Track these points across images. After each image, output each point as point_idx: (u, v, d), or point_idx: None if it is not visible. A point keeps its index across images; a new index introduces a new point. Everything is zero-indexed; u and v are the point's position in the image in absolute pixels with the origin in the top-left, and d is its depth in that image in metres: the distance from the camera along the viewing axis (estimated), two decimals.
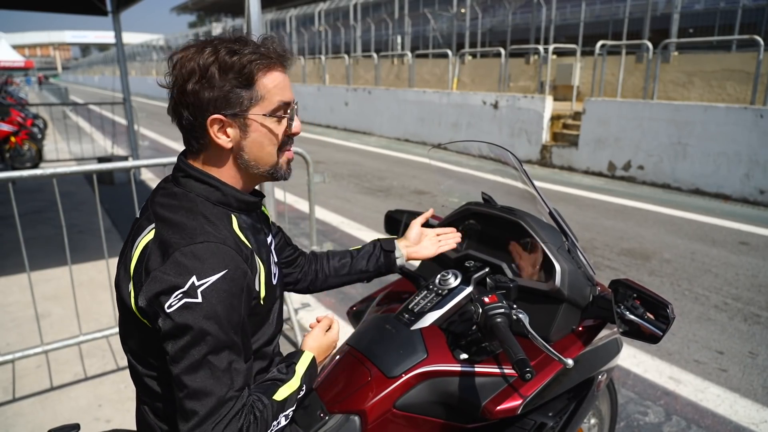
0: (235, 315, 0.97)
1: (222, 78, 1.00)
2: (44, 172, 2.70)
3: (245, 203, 1.11)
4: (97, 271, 4.38)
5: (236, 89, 1.02)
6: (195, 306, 0.92)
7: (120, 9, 7.47)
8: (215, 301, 0.93)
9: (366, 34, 20.34)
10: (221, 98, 1.02)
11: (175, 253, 0.95)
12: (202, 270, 0.94)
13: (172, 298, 0.92)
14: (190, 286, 0.92)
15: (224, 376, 0.94)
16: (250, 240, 1.09)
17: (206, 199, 1.06)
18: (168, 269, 0.94)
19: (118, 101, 8.73)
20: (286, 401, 1.07)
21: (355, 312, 1.83)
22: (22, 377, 2.95)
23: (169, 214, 1.02)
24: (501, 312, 1.20)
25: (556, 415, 1.40)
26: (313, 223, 3.79)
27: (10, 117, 9.67)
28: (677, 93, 9.78)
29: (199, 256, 0.95)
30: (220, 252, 0.97)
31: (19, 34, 72.82)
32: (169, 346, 0.94)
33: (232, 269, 0.97)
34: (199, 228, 0.99)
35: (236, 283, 0.97)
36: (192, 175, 1.07)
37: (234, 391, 0.95)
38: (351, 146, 12.81)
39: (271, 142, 1.08)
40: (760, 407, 2.77)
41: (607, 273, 4.56)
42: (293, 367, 1.14)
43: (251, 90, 1.03)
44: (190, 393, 0.92)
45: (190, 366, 0.92)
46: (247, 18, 2.94)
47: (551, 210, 1.51)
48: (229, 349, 0.95)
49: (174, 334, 0.93)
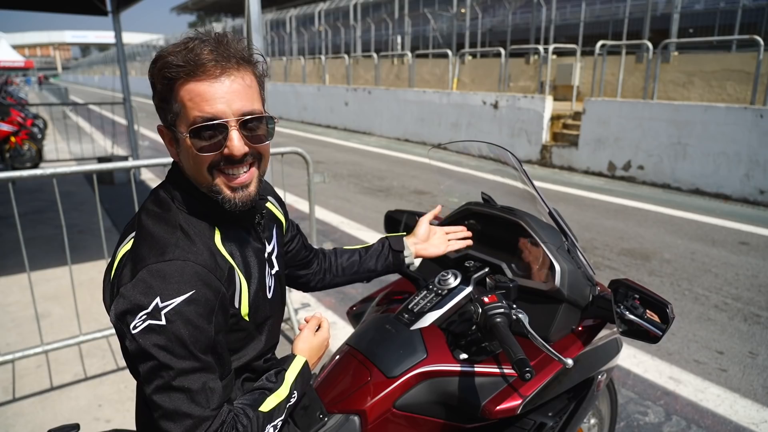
0: (202, 336, 0.92)
1: (155, 86, 0.97)
2: (44, 172, 2.70)
3: (230, 214, 1.03)
4: (97, 271, 4.38)
5: (162, 101, 0.97)
6: (159, 329, 0.88)
7: (120, 9, 7.47)
8: (180, 323, 0.89)
9: (366, 34, 20.33)
10: (157, 108, 0.99)
11: (143, 270, 0.92)
12: (166, 291, 0.89)
13: (136, 318, 0.89)
14: (154, 307, 0.88)
15: (198, 396, 0.91)
16: (235, 255, 1.04)
17: (187, 209, 1.01)
18: (134, 288, 0.91)
19: (118, 101, 8.74)
20: (273, 411, 1.04)
21: (355, 312, 1.82)
22: (22, 377, 2.95)
23: (150, 223, 0.99)
24: (501, 312, 1.20)
25: (555, 415, 1.40)
26: (313, 223, 3.79)
27: (10, 117, 9.67)
28: (677, 93, 9.78)
29: (164, 275, 0.91)
30: (188, 271, 0.92)
31: (19, 34, 72.84)
32: (139, 367, 0.91)
33: (201, 290, 0.92)
34: (172, 243, 0.95)
35: (204, 305, 0.92)
36: (175, 181, 1.04)
37: (210, 410, 0.92)
38: (351, 146, 12.81)
39: (196, 161, 0.96)
40: (760, 407, 2.77)
41: (607, 273, 4.56)
42: (283, 374, 1.11)
43: (171, 103, 0.95)
44: (164, 414, 0.90)
45: (161, 387, 0.90)
46: (247, 18, 2.94)
47: (551, 210, 1.51)
48: (201, 371, 0.92)
49: (140, 356, 0.90)
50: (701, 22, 12.94)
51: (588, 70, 11.05)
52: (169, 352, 0.89)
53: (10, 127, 9.36)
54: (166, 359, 0.89)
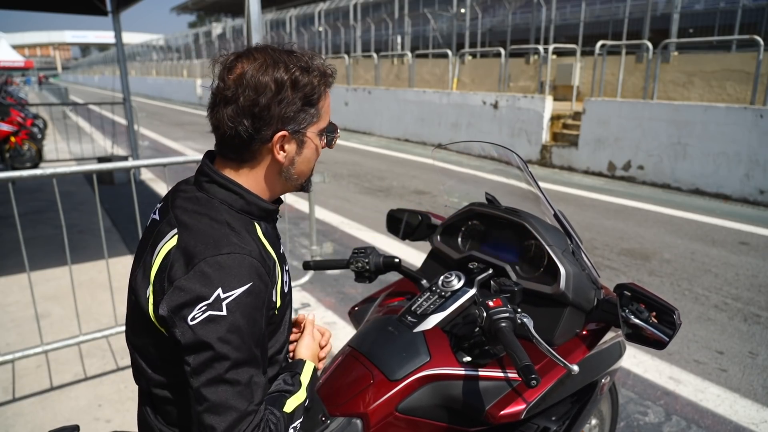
0: (257, 329, 0.96)
1: (294, 95, 1.01)
2: (44, 172, 2.69)
3: (266, 211, 1.10)
4: (97, 271, 4.37)
5: (305, 107, 1.04)
6: (219, 319, 0.90)
7: (120, 9, 7.46)
8: (239, 314, 0.91)
9: (366, 34, 20.32)
10: (290, 115, 1.02)
11: (201, 263, 0.93)
12: (228, 282, 0.92)
13: (195, 310, 0.90)
14: (216, 298, 0.90)
15: (245, 390, 0.92)
16: (274, 249, 1.09)
17: (230, 207, 1.04)
18: (193, 279, 0.92)
19: (118, 101, 8.73)
20: (294, 413, 1.06)
21: (356, 313, 1.81)
22: (22, 377, 2.94)
23: (193, 220, 1.00)
24: (506, 317, 1.18)
25: (559, 419, 1.39)
26: (313, 223, 3.78)
27: (10, 117, 9.66)
28: (677, 93, 9.78)
29: (225, 267, 0.93)
30: (246, 264, 0.95)
31: (19, 34, 72.76)
32: (190, 359, 0.92)
33: (257, 282, 0.95)
34: (224, 238, 0.97)
35: (259, 297, 0.96)
36: (217, 181, 1.05)
37: (254, 405, 0.93)
38: (351, 146, 12.80)
39: (315, 157, 1.13)
40: (760, 407, 2.77)
41: (607, 273, 4.56)
42: (298, 377, 1.12)
43: (315, 108, 1.06)
44: (210, 407, 0.90)
45: (212, 380, 0.91)
46: (247, 18, 2.94)
47: (556, 212, 1.49)
48: (250, 364, 0.94)
49: (196, 348, 0.91)
50: (701, 22, 12.94)
51: (588, 70, 11.05)
52: (227, 342, 0.90)
53: (10, 127, 9.34)
54: (223, 350, 0.90)
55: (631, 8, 13.24)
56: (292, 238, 5.52)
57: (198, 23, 55.87)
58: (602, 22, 14.29)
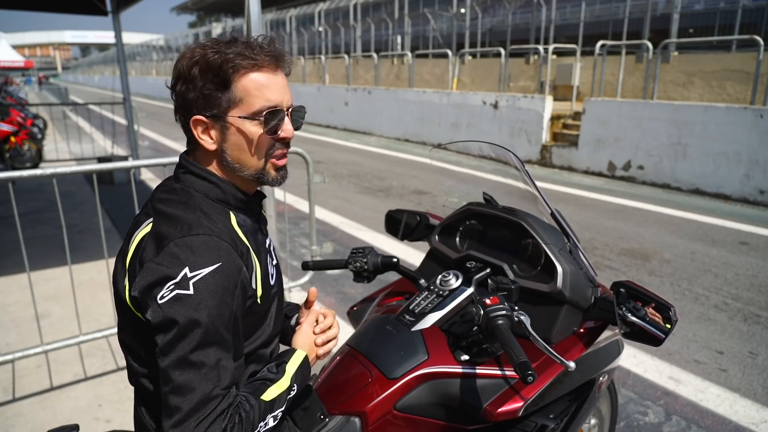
0: (226, 310, 0.95)
1: (202, 78, 1.01)
2: (44, 172, 2.70)
3: (243, 202, 1.11)
4: (97, 271, 4.38)
5: (215, 91, 1.02)
6: (186, 298, 0.91)
7: (120, 9, 7.47)
8: (207, 294, 0.92)
9: (366, 34, 20.33)
10: (201, 99, 1.03)
11: (170, 244, 0.95)
12: (195, 262, 0.93)
13: (164, 289, 0.91)
14: (183, 277, 0.92)
15: (211, 372, 0.92)
16: (249, 238, 1.08)
17: (205, 196, 1.06)
18: (162, 260, 0.94)
19: (118, 101, 8.73)
20: (275, 401, 1.05)
21: (355, 312, 1.82)
22: (22, 377, 2.94)
23: (168, 208, 1.03)
24: (503, 314, 1.19)
25: (557, 417, 1.40)
26: (313, 223, 3.79)
27: (10, 117, 9.66)
28: (677, 93, 9.78)
29: (193, 247, 0.95)
30: (215, 245, 0.97)
31: (19, 34, 72.77)
32: (159, 339, 0.93)
33: (226, 263, 0.96)
34: (195, 221, 0.99)
35: (229, 278, 0.96)
36: (192, 171, 1.08)
37: (220, 389, 0.93)
38: (351, 146, 12.81)
39: (253, 145, 1.06)
40: (760, 407, 2.77)
41: (607, 273, 4.56)
42: (284, 366, 1.11)
43: (229, 91, 1.02)
44: (175, 388, 0.90)
45: (178, 360, 0.91)
46: (247, 18, 2.94)
47: (553, 211, 1.50)
48: (218, 345, 0.94)
49: (164, 326, 0.92)
50: (701, 22, 12.94)
51: (588, 70, 11.05)
52: (193, 321, 0.91)
53: (10, 127, 9.34)
54: (189, 330, 0.91)
55: (631, 8, 13.23)
56: (292, 238, 5.52)
57: (198, 23, 55.91)
58: (602, 22, 14.28)
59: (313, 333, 1.23)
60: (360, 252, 1.67)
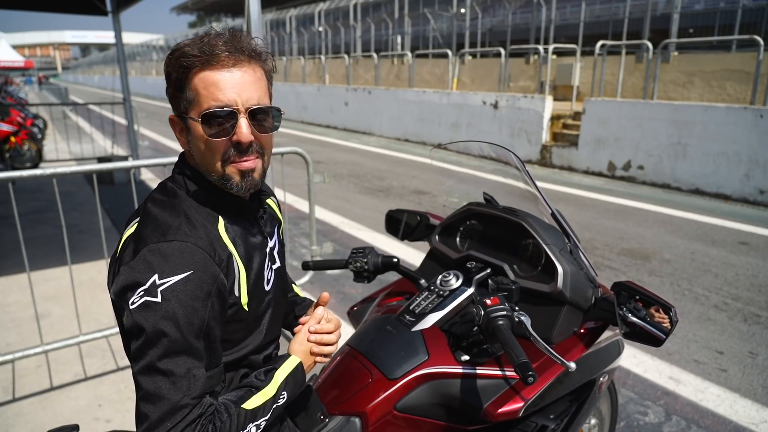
0: (196, 319, 0.93)
1: (167, 78, 1.03)
2: (44, 172, 2.70)
3: (232, 205, 1.08)
4: (97, 271, 4.38)
5: (176, 90, 1.02)
6: (154, 305, 0.90)
7: (120, 9, 7.47)
8: (175, 302, 0.91)
9: (366, 34, 20.32)
10: (171, 99, 1.04)
11: (144, 249, 0.95)
12: (165, 269, 0.92)
13: (135, 294, 0.91)
14: (151, 284, 0.91)
15: (180, 381, 0.90)
16: (237, 243, 1.05)
17: (193, 197, 1.05)
18: (135, 265, 0.94)
19: (118, 101, 8.73)
20: (257, 410, 1.01)
21: (355, 312, 1.82)
22: (22, 377, 2.94)
23: (156, 209, 1.03)
24: (503, 315, 1.19)
25: (557, 418, 1.40)
26: (313, 223, 3.79)
27: (10, 117, 9.66)
28: (677, 93, 9.78)
29: (165, 254, 0.94)
30: (188, 252, 0.95)
31: (19, 34, 72.75)
32: (132, 344, 0.92)
33: (199, 271, 0.94)
34: (174, 226, 0.98)
35: (201, 287, 0.94)
36: (184, 172, 1.08)
37: (190, 398, 0.90)
38: (351, 146, 12.80)
39: (208, 148, 1.01)
40: (760, 407, 2.77)
41: (607, 273, 4.56)
42: (272, 373, 1.07)
43: (185, 91, 1.00)
44: (145, 395, 0.89)
45: (147, 367, 0.90)
46: (247, 18, 2.94)
47: (553, 211, 1.50)
48: (188, 354, 0.92)
49: (134, 332, 0.91)
50: (701, 22, 12.94)
51: (588, 70, 11.05)
52: (161, 329, 0.90)
53: (10, 127, 9.34)
54: (156, 337, 0.90)
55: (631, 8, 13.23)
56: (292, 238, 5.52)
57: (198, 23, 55.93)
58: (602, 22, 14.29)
59: (309, 332, 1.18)
60: (360, 252, 1.67)
